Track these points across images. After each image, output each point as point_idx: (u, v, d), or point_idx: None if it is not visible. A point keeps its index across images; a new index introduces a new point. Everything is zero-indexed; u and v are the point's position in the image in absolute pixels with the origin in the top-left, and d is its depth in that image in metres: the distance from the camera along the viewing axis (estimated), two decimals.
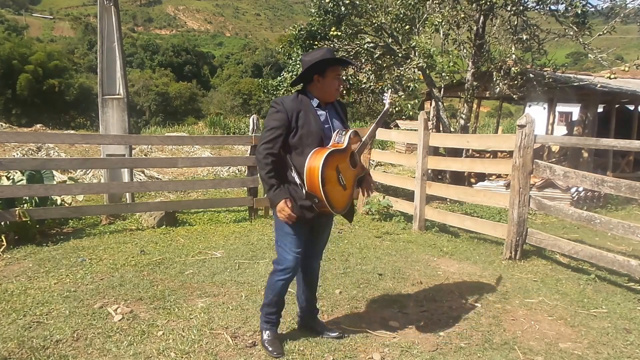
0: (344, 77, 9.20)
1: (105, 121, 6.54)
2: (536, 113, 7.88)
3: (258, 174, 2.80)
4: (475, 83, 8.81)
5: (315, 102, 2.71)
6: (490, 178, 9.09)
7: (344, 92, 9.62)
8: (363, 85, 9.29)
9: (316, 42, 9.32)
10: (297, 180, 2.59)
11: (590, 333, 3.20)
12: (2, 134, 7.71)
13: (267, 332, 2.85)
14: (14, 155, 10.25)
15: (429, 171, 6.56)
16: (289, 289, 3.67)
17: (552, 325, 3.31)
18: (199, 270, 4.23)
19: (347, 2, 8.51)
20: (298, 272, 2.95)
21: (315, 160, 2.51)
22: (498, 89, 8.43)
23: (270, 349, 2.77)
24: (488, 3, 7.83)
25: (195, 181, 8.41)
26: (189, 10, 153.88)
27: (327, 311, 3.39)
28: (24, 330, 2.99)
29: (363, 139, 2.79)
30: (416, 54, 8.25)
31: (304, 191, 2.56)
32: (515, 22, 8.39)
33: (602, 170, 8.82)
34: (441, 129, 9.64)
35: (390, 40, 8.85)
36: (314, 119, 2.63)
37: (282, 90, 10.82)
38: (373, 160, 7.71)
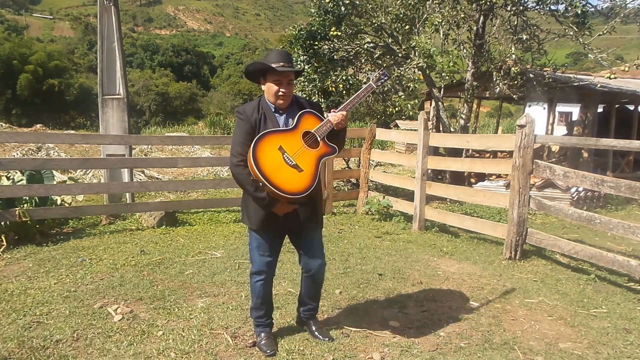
0: (344, 78, 9.20)
1: (105, 121, 6.54)
2: (536, 113, 7.89)
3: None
4: (475, 83, 8.81)
5: (272, 107, 2.67)
6: (490, 178, 9.09)
7: (344, 92, 9.61)
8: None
9: (316, 42, 9.30)
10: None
11: (590, 333, 3.19)
12: (2, 134, 7.71)
13: (262, 334, 2.87)
14: (14, 155, 10.25)
15: (429, 171, 6.56)
16: (289, 289, 3.69)
17: (552, 325, 3.31)
18: (199, 270, 4.23)
19: (347, 2, 8.50)
20: (301, 273, 2.94)
21: (251, 147, 2.49)
22: (498, 89, 8.42)
23: (264, 348, 2.79)
24: (488, 3, 7.83)
25: (195, 181, 8.41)
26: (189, 10, 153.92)
27: (327, 311, 3.38)
28: (24, 330, 2.99)
29: (332, 114, 2.65)
30: (416, 54, 8.25)
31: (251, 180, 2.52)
32: (515, 22, 8.39)
33: (602, 170, 8.82)
34: (441, 129, 9.64)
35: (390, 40, 8.85)
36: (271, 125, 2.62)
37: None
38: (373, 160, 7.71)
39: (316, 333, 2.94)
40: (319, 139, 2.62)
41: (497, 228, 5.13)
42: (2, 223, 4.99)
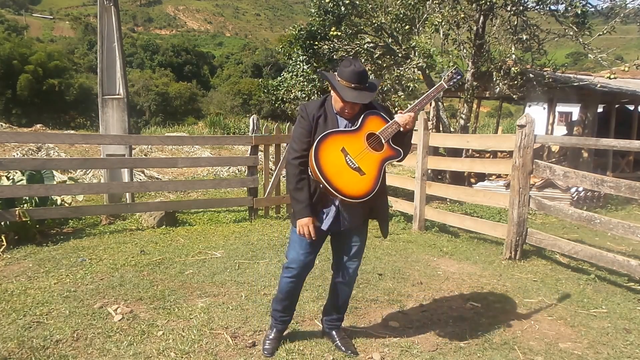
0: None
1: (105, 121, 6.54)
2: (536, 113, 7.89)
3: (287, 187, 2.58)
4: (475, 83, 8.81)
5: (334, 111, 2.57)
6: (490, 178, 9.09)
7: None
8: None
9: (316, 42, 9.31)
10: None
11: (590, 333, 3.20)
12: (2, 134, 7.71)
13: (274, 330, 2.82)
14: (14, 155, 10.25)
15: (429, 171, 6.56)
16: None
17: (552, 325, 3.31)
18: (199, 270, 4.23)
19: (347, 2, 8.51)
20: (332, 279, 2.85)
21: (313, 147, 2.44)
22: (498, 89, 8.43)
23: (265, 346, 2.77)
24: (488, 3, 7.83)
25: (195, 181, 8.41)
26: (189, 10, 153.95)
27: None
28: (24, 330, 2.99)
29: (400, 115, 2.54)
30: (416, 54, 8.25)
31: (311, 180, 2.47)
32: (515, 22, 8.39)
33: (602, 170, 8.83)
34: (441, 129, 9.64)
35: (390, 40, 8.85)
36: (331, 125, 2.53)
37: (283, 90, 10.81)
38: None
39: (339, 344, 2.83)
40: (383, 141, 2.51)
41: (497, 228, 5.13)
42: (2, 223, 4.99)
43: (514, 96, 8.61)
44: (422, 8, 8.75)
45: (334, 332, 2.88)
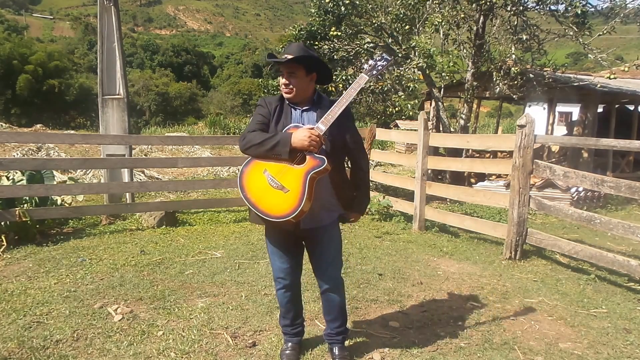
0: (344, 78, 9.20)
1: (105, 121, 6.55)
2: (536, 113, 7.89)
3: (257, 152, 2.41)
4: (475, 83, 8.81)
5: (287, 102, 2.59)
6: (490, 178, 9.09)
7: (344, 92, 9.62)
8: (363, 85, 9.30)
9: (316, 42, 9.32)
10: None
11: (590, 333, 3.19)
12: (2, 134, 7.70)
13: (289, 343, 2.76)
14: (14, 155, 10.25)
15: (429, 171, 6.56)
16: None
17: (552, 325, 3.31)
18: (199, 270, 4.23)
19: (347, 2, 8.52)
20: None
21: (238, 176, 2.46)
22: (498, 89, 8.43)
23: (282, 358, 2.71)
24: (488, 3, 7.84)
25: (195, 181, 8.41)
26: (189, 10, 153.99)
27: None
28: (24, 330, 2.99)
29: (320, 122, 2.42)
30: (416, 54, 8.25)
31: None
32: (515, 22, 8.40)
33: (602, 170, 8.82)
34: (441, 129, 9.64)
35: (390, 40, 8.86)
36: (284, 118, 2.52)
37: None
38: (373, 160, 7.71)
39: None
40: (305, 154, 2.37)
41: (497, 228, 5.12)
42: (2, 223, 4.99)
43: (514, 96, 8.61)
44: (422, 8, 8.76)
45: (335, 350, 2.72)
